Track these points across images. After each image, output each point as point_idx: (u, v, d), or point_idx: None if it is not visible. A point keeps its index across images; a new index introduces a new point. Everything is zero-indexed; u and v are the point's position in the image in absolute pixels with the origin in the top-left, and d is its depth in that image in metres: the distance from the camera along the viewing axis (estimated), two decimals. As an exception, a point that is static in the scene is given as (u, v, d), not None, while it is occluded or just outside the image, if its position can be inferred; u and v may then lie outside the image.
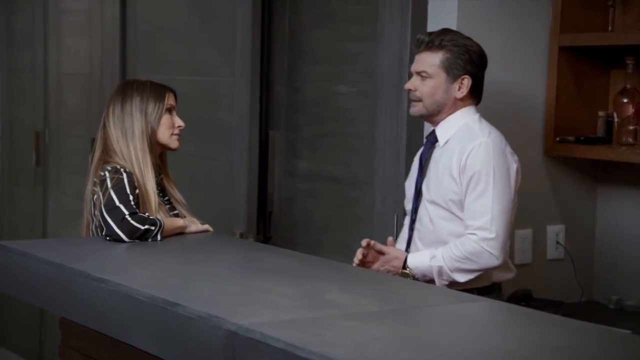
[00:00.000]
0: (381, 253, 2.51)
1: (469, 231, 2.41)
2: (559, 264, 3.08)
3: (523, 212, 2.99)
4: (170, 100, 2.63)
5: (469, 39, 2.53)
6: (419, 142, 2.91)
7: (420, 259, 2.46)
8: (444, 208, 2.48)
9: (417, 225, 2.56)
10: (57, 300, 2.18)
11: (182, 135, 2.67)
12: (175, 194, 2.68)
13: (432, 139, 2.56)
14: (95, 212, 2.50)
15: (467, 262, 2.41)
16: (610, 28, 2.98)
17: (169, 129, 2.61)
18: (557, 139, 2.98)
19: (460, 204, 2.45)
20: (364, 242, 2.52)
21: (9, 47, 4.96)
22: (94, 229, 2.54)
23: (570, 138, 2.97)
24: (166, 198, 2.66)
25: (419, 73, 2.51)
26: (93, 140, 2.67)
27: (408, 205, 2.62)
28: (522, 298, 2.79)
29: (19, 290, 2.33)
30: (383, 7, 2.96)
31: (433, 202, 2.50)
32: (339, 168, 3.20)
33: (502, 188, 2.42)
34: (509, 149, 2.51)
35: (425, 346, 1.61)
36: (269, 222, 3.46)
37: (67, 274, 2.11)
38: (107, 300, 1.97)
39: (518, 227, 2.99)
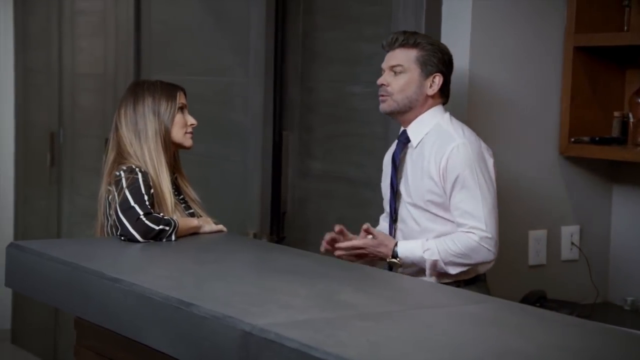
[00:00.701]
0: (369, 234, 2.54)
1: (465, 229, 2.44)
2: (574, 265, 3.07)
3: (537, 213, 2.99)
4: (181, 98, 2.63)
5: (439, 42, 2.63)
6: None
7: (411, 249, 2.48)
8: (425, 210, 2.51)
9: (399, 225, 2.58)
10: (71, 300, 2.18)
11: (196, 136, 2.68)
12: (190, 192, 2.68)
13: (404, 139, 2.58)
14: (110, 212, 2.51)
15: (463, 258, 2.45)
16: (625, 28, 2.96)
17: (182, 127, 2.62)
18: (572, 139, 2.97)
19: (442, 206, 2.48)
20: (364, 226, 2.55)
21: (24, 48, 4.98)
22: (108, 228, 2.54)
23: (585, 138, 2.96)
24: (181, 197, 2.66)
25: (392, 68, 2.54)
26: (107, 141, 2.67)
27: (387, 207, 2.64)
28: (537, 299, 2.78)
29: (34, 290, 2.34)
30: (397, 8, 2.96)
31: (415, 205, 2.53)
32: (353, 169, 3.20)
33: (487, 186, 2.47)
34: (483, 145, 2.54)
35: (440, 347, 1.61)
36: (282, 223, 3.46)
37: (81, 274, 2.11)
38: (121, 300, 1.98)
39: (532, 228, 2.98)
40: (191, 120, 2.65)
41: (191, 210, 2.64)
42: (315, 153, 3.36)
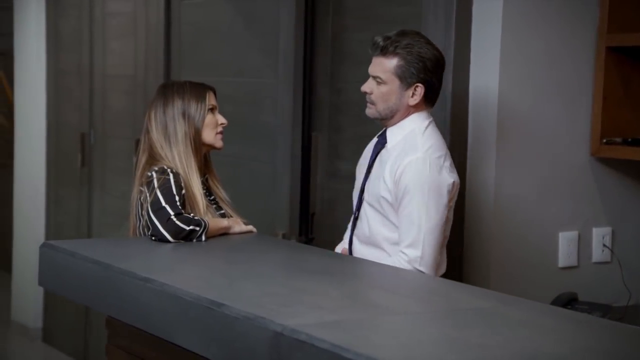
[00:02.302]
0: None
1: (401, 249, 2.43)
2: (606, 267, 3.04)
3: (569, 215, 2.97)
4: (211, 99, 2.63)
5: (428, 42, 2.50)
6: (462, 143, 2.90)
7: None
8: (378, 211, 2.51)
9: (357, 223, 2.60)
10: (103, 300, 2.20)
11: (225, 137, 2.68)
12: (221, 192, 2.69)
13: (383, 140, 2.58)
14: (143, 213, 2.52)
15: None
16: (658, 28, 2.94)
17: (213, 128, 2.62)
18: (604, 140, 2.95)
19: (392, 208, 2.47)
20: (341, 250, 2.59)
21: (56, 50, 5.03)
22: (140, 229, 2.56)
23: (617, 139, 2.93)
24: (212, 198, 2.67)
25: (374, 77, 2.52)
26: (137, 142, 2.69)
27: (354, 200, 2.65)
28: (568, 301, 2.76)
29: (67, 289, 2.36)
30: (427, 9, 2.95)
31: (370, 204, 2.54)
32: (382, 169, 3.19)
33: (434, 205, 2.41)
34: (448, 164, 2.48)
35: (472, 348, 1.60)
36: (311, 224, 3.46)
37: (113, 274, 2.13)
38: (152, 299, 1.99)
39: (563, 229, 2.96)
40: (222, 119, 2.65)
41: (222, 211, 2.65)
42: (344, 154, 3.36)
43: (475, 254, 2.88)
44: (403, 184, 2.42)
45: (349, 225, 2.68)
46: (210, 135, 2.62)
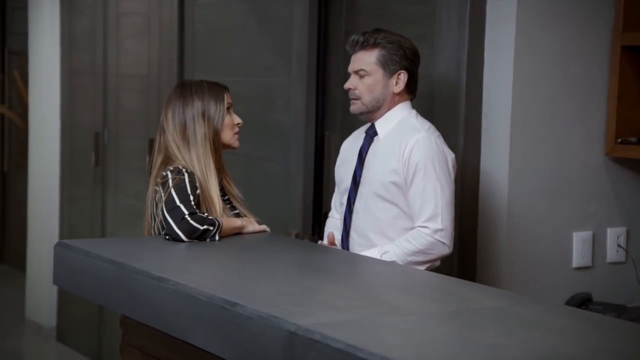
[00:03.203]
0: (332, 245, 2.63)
1: (419, 224, 2.50)
2: (620, 267, 3.02)
3: (583, 214, 2.95)
4: (228, 98, 2.63)
5: (402, 36, 2.62)
6: (476, 142, 2.89)
7: (370, 255, 2.50)
8: (384, 198, 2.55)
9: (354, 216, 2.63)
10: (118, 299, 2.21)
11: (239, 136, 2.68)
12: (233, 190, 2.69)
13: (372, 133, 2.64)
14: (157, 212, 2.53)
15: (421, 255, 2.49)
16: (674, 27, 2.92)
17: (231, 129, 2.62)
18: (619, 140, 2.93)
19: (401, 191, 2.52)
20: (328, 240, 2.65)
21: (70, 50, 5.05)
22: (155, 228, 2.56)
23: (632, 139, 2.92)
24: (226, 198, 2.67)
25: (356, 72, 2.61)
26: (151, 142, 2.69)
27: (343, 197, 2.68)
28: (582, 301, 2.75)
29: (81, 288, 2.37)
30: (441, 8, 2.94)
31: (373, 192, 2.57)
32: (395, 169, 3.19)
33: (445, 179, 2.52)
34: (445, 144, 2.59)
35: (485, 349, 1.60)
36: (324, 223, 3.46)
37: (128, 273, 2.14)
38: (167, 299, 2.00)
39: (578, 229, 2.95)
40: (237, 119, 2.65)
41: (236, 211, 2.66)
42: (357, 153, 3.35)
43: (489, 253, 2.87)
44: (414, 162, 2.50)
45: (332, 222, 2.74)
46: (228, 136, 2.62)
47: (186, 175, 2.50)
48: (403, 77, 2.58)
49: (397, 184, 2.53)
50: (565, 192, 2.93)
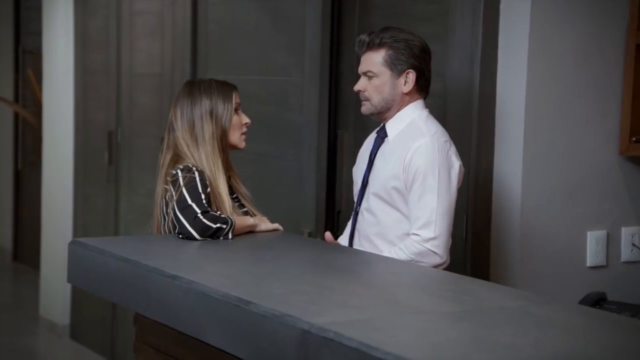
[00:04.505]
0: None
1: (412, 231, 2.47)
2: (635, 267, 3.01)
3: (597, 214, 2.94)
4: (236, 98, 2.63)
5: (411, 33, 2.58)
6: (490, 141, 2.89)
7: None
8: (386, 201, 2.53)
9: (359, 217, 2.63)
10: (132, 297, 2.22)
11: (251, 135, 2.68)
12: (241, 188, 2.69)
13: (382, 134, 2.62)
14: (168, 211, 2.53)
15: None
16: (689, 25, 2.90)
17: (238, 129, 2.62)
18: (633, 139, 2.92)
19: (402, 196, 2.50)
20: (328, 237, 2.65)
21: (84, 49, 5.07)
22: (165, 227, 2.57)
23: (647, 138, 2.90)
24: (234, 196, 2.67)
25: (365, 73, 2.58)
26: (163, 140, 2.69)
27: (355, 197, 2.68)
28: (596, 301, 2.74)
29: (95, 286, 2.38)
30: (454, 6, 2.94)
31: (376, 195, 2.56)
32: (409, 168, 3.18)
33: (445, 187, 2.47)
34: (453, 149, 2.55)
35: (501, 348, 1.59)
36: (337, 222, 3.46)
37: (142, 271, 2.14)
38: (181, 297, 2.00)
39: (592, 229, 2.94)
40: (245, 119, 2.65)
41: (245, 209, 2.66)
42: (370, 152, 3.35)
43: (503, 252, 2.87)
44: (413, 168, 2.48)
45: (349, 222, 2.72)
46: (236, 136, 2.62)
47: (197, 173, 2.50)
48: (412, 76, 2.54)
49: (398, 189, 2.51)
50: (580, 191, 2.92)
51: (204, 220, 2.42)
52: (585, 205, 2.93)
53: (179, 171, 2.51)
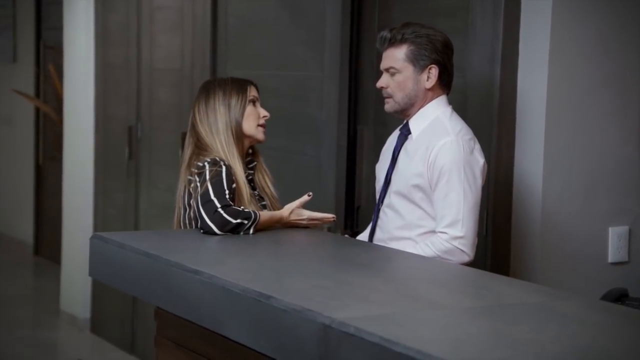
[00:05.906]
0: None
1: (439, 229, 2.46)
2: (656, 263, 2.99)
3: (619, 209, 2.92)
4: (252, 92, 2.67)
5: (432, 28, 2.56)
6: (511, 136, 2.87)
7: None
8: (408, 199, 2.52)
9: (381, 214, 2.62)
10: (153, 291, 2.23)
11: (271, 130, 2.70)
12: (267, 187, 2.71)
13: (406, 132, 2.61)
14: (191, 201, 2.55)
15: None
16: None
17: (254, 120, 2.65)
18: (655, 134, 2.90)
19: (425, 194, 2.49)
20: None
21: (104, 44, 5.10)
22: (187, 219, 2.58)
23: (669, 133, 2.88)
24: (256, 192, 2.69)
25: (387, 70, 2.57)
26: (184, 135, 2.72)
27: (377, 194, 2.67)
28: (618, 297, 2.72)
29: (116, 280, 2.40)
30: (475, 1, 2.92)
31: (399, 192, 2.55)
32: (428, 163, 3.18)
33: (470, 186, 2.46)
34: (477, 147, 2.53)
35: (521, 344, 1.59)
36: (356, 217, 3.46)
37: (163, 265, 2.15)
38: (201, 291, 2.01)
39: (613, 224, 2.92)
40: (263, 112, 2.68)
41: (264, 202, 2.67)
42: (390, 147, 3.34)
43: (524, 248, 2.86)
44: (439, 166, 2.46)
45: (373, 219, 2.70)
46: (251, 127, 2.64)
47: (224, 168, 2.52)
48: (434, 71, 2.53)
49: (421, 187, 2.50)
50: (601, 187, 2.90)
51: (224, 214, 2.43)
52: (607, 201, 2.91)
53: (206, 164, 2.54)
